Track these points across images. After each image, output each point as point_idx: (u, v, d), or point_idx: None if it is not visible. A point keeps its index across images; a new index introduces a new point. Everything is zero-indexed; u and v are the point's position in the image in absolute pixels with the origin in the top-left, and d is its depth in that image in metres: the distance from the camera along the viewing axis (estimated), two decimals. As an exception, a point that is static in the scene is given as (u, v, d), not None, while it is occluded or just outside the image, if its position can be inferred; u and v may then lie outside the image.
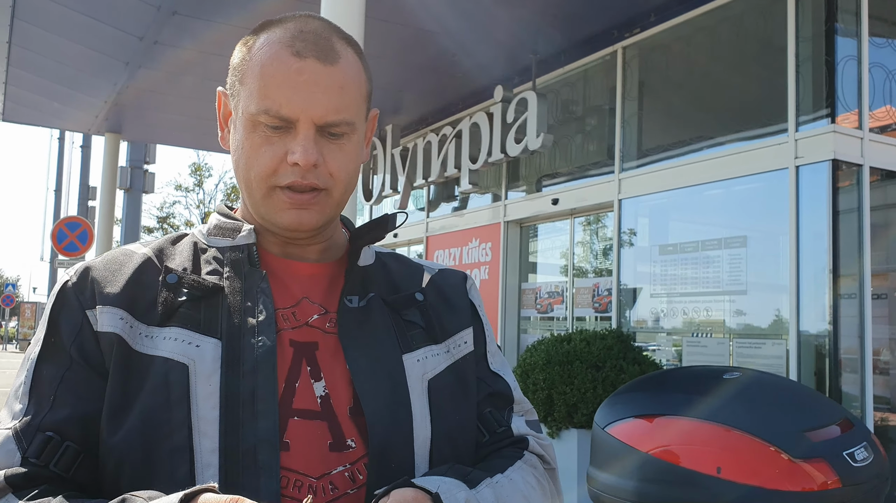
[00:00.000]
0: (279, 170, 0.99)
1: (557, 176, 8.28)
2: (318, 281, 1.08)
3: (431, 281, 1.18)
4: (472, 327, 1.17)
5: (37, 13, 7.37)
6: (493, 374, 1.17)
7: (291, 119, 0.97)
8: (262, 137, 0.99)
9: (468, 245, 9.35)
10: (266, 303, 0.99)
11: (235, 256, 1.04)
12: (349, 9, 4.41)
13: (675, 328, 6.68)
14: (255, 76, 0.99)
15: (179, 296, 0.99)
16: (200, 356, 0.95)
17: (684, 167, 6.59)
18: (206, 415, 0.92)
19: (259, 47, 1.01)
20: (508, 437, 1.13)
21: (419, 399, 1.03)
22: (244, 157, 1.01)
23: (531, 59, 7.91)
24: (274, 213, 1.01)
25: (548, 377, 5.73)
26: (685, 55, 6.88)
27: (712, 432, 1.62)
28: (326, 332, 1.04)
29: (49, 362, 0.97)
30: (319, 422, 0.98)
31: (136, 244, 1.08)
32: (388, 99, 9.53)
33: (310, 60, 0.98)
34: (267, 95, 0.97)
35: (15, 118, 11.09)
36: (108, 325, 0.96)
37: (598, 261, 8.01)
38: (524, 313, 8.72)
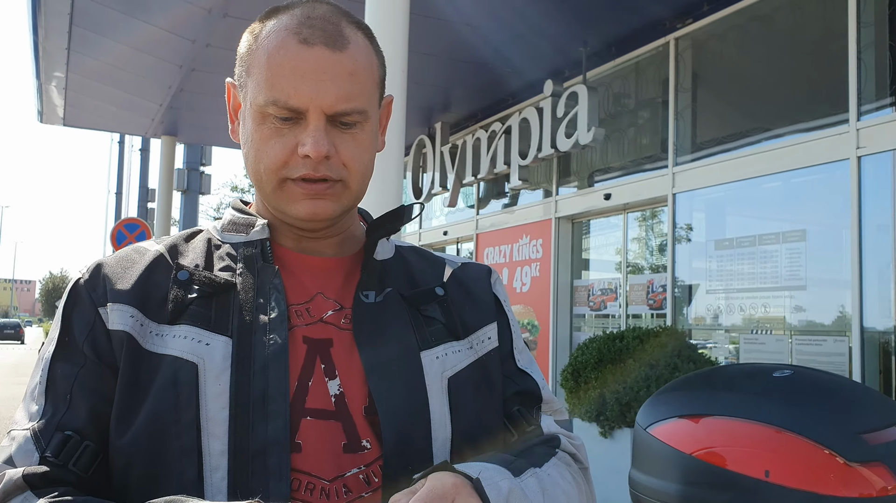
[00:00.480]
0: (290, 162, 0.96)
1: (609, 170, 8.15)
2: (333, 275, 1.05)
3: (453, 275, 1.13)
4: (496, 322, 1.11)
5: (93, 19, 7.54)
6: (521, 372, 1.11)
7: (300, 109, 0.94)
8: (271, 129, 0.96)
9: (518, 242, 9.27)
10: (278, 300, 0.96)
11: (248, 252, 1.01)
12: (393, 6, 4.39)
13: (733, 325, 6.50)
14: (262, 66, 0.96)
15: (190, 294, 0.96)
16: (210, 354, 0.92)
17: (740, 159, 6.41)
18: (215, 416, 0.90)
19: (265, 35, 0.97)
20: (538, 436, 1.08)
21: (438, 398, 0.99)
22: (254, 150, 0.98)
23: (581, 52, 7.79)
24: (287, 205, 0.98)
25: (599, 376, 5.63)
26: (740, 44, 6.69)
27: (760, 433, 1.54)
28: (341, 329, 1.00)
29: (63, 361, 0.95)
30: (333, 423, 0.94)
31: (151, 241, 1.06)
32: (438, 96, 9.51)
33: (318, 47, 0.94)
34: (274, 86, 0.94)
35: (76, 123, 11.41)
36: (119, 323, 0.94)
37: (652, 257, 7.85)
38: (577, 311, 8.61)
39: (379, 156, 3.94)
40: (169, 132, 11.55)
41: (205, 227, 1.09)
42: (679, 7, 6.93)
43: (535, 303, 8.89)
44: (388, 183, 4.26)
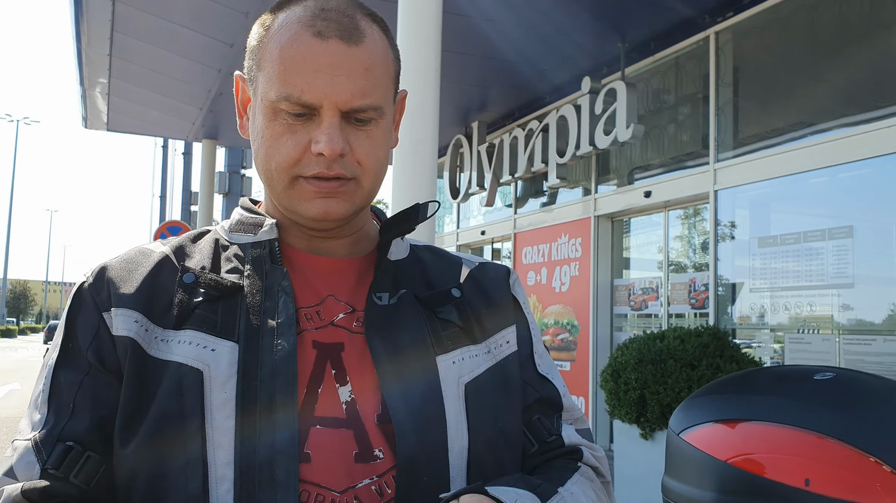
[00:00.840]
0: (303, 159, 0.92)
1: (649, 168, 8.03)
2: (345, 277, 1.01)
3: (470, 276, 1.08)
4: (515, 325, 1.07)
5: (134, 25, 7.66)
6: (541, 378, 1.07)
7: (314, 105, 0.90)
8: (283, 125, 0.92)
9: (557, 241, 9.18)
10: (287, 303, 0.93)
11: (257, 253, 0.97)
12: (426, 4, 4.36)
13: (778, 324, 6.35)
14: (274, 60, 0.91)
15: (196, 297, 0.93)
16: (215, 361, 0.89)
17: (784, 155, 6.25)
18: (220, 425, 0.86)
19: (277, 28, 0.93)
20: (559, 447, 1.04)
21: (454, 405, 0.94)
22: (265, 147, 0.94)
23: (619, 48, 7.69)
24: (299, 204, 0.94)
25: (640, 376, 5.53)
26: (783, 37, 6.52)
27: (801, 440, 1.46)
28: (353, 332, 0.96)
29: (67, 368, 0.92)
30: (344, 431, 0.90)
31: (157, 242, 1.03)
32: (474, 95, 9.46)
33: (332, 41, 0.90)
34: (287, 80, 0.90)
35: (119, 128, 11.60)
36: (123, 329, 0.91)
37: (694, 255, 7.71)
38: (617, 310, 8.49)
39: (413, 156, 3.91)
40: (210, 136, 11.69)
41: (213, 228, 1.06)
42: (719, 1, 6.79)
43: (575, 303, 8.79)
44: (422, 185, 4.24)
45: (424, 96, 4.27)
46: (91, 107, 10.41)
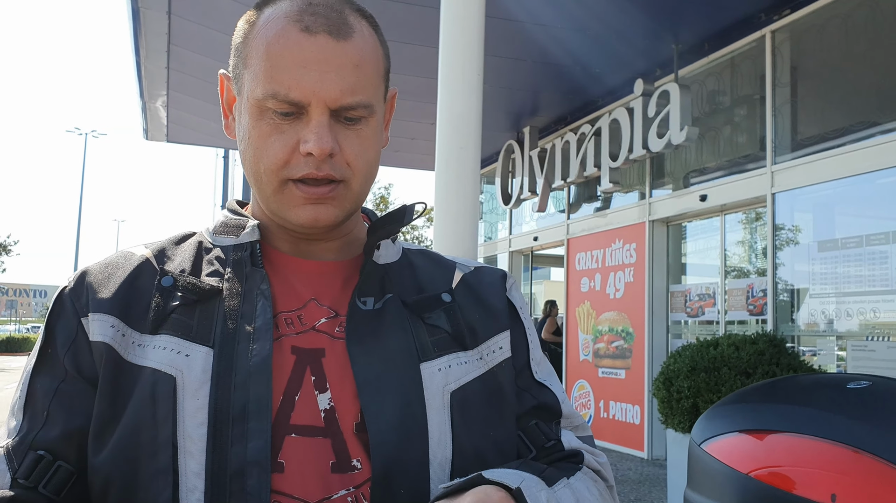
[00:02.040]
0: (291, 161, 0.88)
1: (705, 171, 7.85)
2: (329, 280, 0.98)
3: (463, 280, 1.05)
4: (509, 331, 1.02)
5: (190, 38, 7.83)
6: (538, 385, 1.02)
7: (302, 103, 0.86)
8: (270, 125, 0.88)
9: (611, 246, 9.04)
10: (265, 307, 0.90)
11: (238, 256, 0.94)
12: (468, 10, 4.33)
13: (840, 331, 6.12)
14: (260, 56, 0.88)
15: (173, 301, 0.90)
16: (189, 366, 0.86)
17: (846, 156, 6.04)
18: (192, 433, 0.83)
19: (263, 23, 0.90)
20: (559, 451, 0.99)
21: (438, 414, 0.91)
22: (252, 148, 0.90)
23: (673, 49, 7.55)
24: (287, 210, 0.91)
25: (693, 385, 5.39)
26: (843, 34, 6.31)
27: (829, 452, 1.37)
28: (335, 338, 0.93)
29: (44, 374, 0.90)
30: (322, 440, 0.87)
31: (140, 245, 1.00)
32: (526, 100, 9.41)
33: (320, 36, 0.87)
34: (274, 78, 0.86)
35: (179, 139, 11.87)
36: (99, 334, 0.89)
37: (751, 260, 7.51)
38: (674, 317, 8.32)
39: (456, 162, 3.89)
40: (266, 145, 11.86)
41: (199, 230, 1.03)
42: None
43: (630, 310, 8.64)
44: (465, 191, 4.21)
45: (468, 101, 4.25)
46: (152, 119, 10.68)
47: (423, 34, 6.59)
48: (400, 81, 8.46)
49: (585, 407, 9.37)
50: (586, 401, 9.36)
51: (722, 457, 1.51)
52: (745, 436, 1.53)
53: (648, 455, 8.19)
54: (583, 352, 9.52)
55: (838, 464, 1.36)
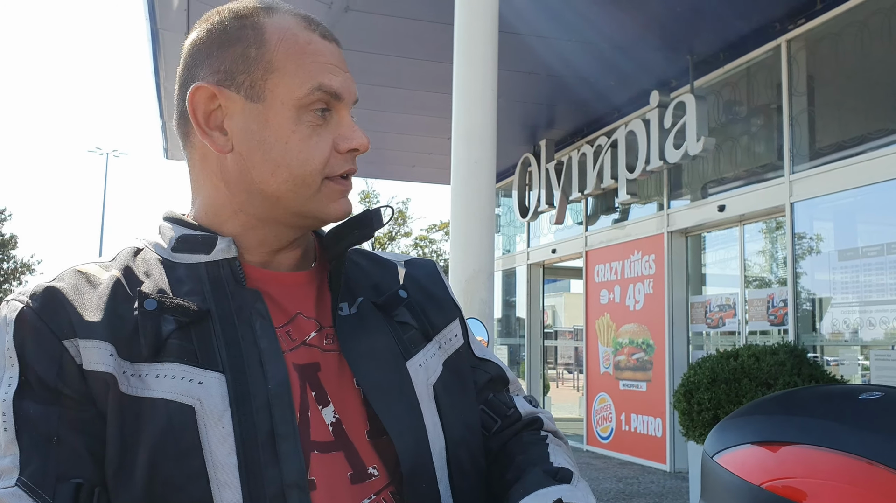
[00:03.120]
0: (330, 160, 0.92)
1: (723, 181, 7.82)
2: (306, 291, 0.97)
3: (407, 274, 1.09)
4: (458, 318, 1.09)
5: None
6: (483, 361, 1.10)
7: (342, 96, 0.92)
8: (308, 127, 0.90)
9: (630, 258, 9.02)
10: (265, 327, 0.88)
11: (216, 274, 0.91)
12: (482, 26, 4.37)
13: (862, 341, 6.06)
14: (296, 57, 0.90)
15: (166, 325, 0.85)
16: (207, 394, 0.82)
17: (865, 164, 5.99)
18: (223, 463, 0.81)
19: (280, 30, 0.91)
20: (518, 420, 1.07)
21: (428, 408, 0.95)
22: (295, 152, 0.89)
23: (688, 60, 7.55)
24: (326, 206, 0.93)
25: (713, 396, 5.36)
26: (859, 41, 6.28)
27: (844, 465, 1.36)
28: (325, 350, 0.93)
29: (33, 401, 0.81)
30: (335, 454, 0.88)
31: (93, 265, 0.91)
32: (541, 113, 9.43)
33: (332, 43, 0.95)
34: (315, 73, 0.91)
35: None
36: (100, 363, 0.82)
37: (772, 270, 7.46)
38: (694, 328, 8.27)
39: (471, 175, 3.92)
40: (284, 162, 11.95)
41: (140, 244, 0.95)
42: (790, 7, 6.60)
43: (650, 322, 8.60)
44: (481, 204, 4.23)
45: (482, 116, 4.28)
46: (172, 138, 10.80)
47: (438, 50, 6.63)
48: (416, 97, 8.51)
49: (607, 419, 9.31)
50: (607, 414, 9.30)
51: (734, 468, 1.51)
52: (757, 447, 1.52)
53: (671, 468, 8.12)
54: (603, 364, 9.47)
55: (852, 475, 1.35)
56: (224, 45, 0.91)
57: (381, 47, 7.20)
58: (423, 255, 24.64)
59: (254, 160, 0.91)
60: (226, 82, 0.91)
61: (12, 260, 28.33)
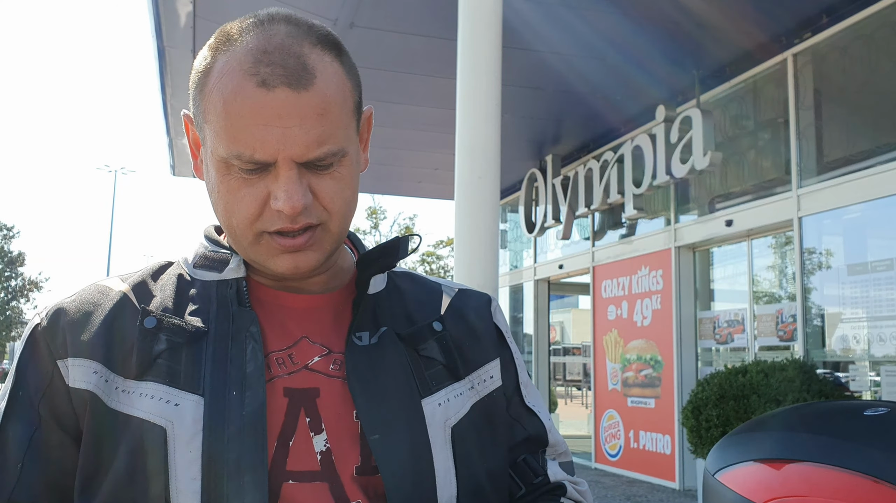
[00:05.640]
0: (264, 214, 0.84)
1: (730, 196, 7.79)
2: (319, 315, 0.94)
3: (451, 306, 1.02)
4: (499, 358, 1.01)
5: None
6: (528, 411, 1.02)
7: (268, 162, 0.82)
8: (238, 180, 0.84)
9: (637, 273, 8.97)
10: (255, 351, 0.85)
11: (223, 293, 0.90)
12: (485, 43, 4.37)
13: (873, 356, 5.99)
14: (219, 114, 0.82)
15: (158, 344, 0.85)
16: (179, 417, 0.82)
17: (873, 178, 5.95)
18: (185, 488, 0.80)
19: (219, 75, 0.83)
20: (545, 485, 1.00)
21: (442, 451, 0.89)
22: (222, 202, 0.86)
23: (694, 75, 7.54)
24: (266, 260, 0.88)
25: (721, 413, 5.30)
26: (866, 55, 6.26)
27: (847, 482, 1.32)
28: (330, 376, 0.89)
29: (15, 421, 0.85)
30: (319, 484, 0.84)
31: (115, 278, 0.94)
32: (548, 129, 9.43)
33: (279, 90, 0.80)
34: (235, 138, 0.81)
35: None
36: (81, 381, 0.84)
37: (780, 285, 7.40)
38: (703, 344, 8.21)
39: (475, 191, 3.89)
40: (291, 178, 11.97)
41: (176, 260, 0.98)
42: (796, 22, 6.59)
43: (658, 338, 8.54)
44: (485, 220, 4.21)
45: (486, 131, 4.26)
46: (178, 155, 10.85)
47: (443, 66, 6.64)
48: (421, 113, 8.52)
49: (615, 437, 9.23)
50: (616, 432, 9.23)
51: (736, 487, 1.47)
52: (759, 465, 1.48)
53: (680, 485, 8.03)
54: (611, 381, 9.41)
55: (856, 493, 1.31)
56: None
57: (386, 63, 7.22)
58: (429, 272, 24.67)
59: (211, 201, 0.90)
60: (194, 117, 0.89)
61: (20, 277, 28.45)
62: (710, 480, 1.61)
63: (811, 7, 6.38)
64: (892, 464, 1.32)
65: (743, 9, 6.27)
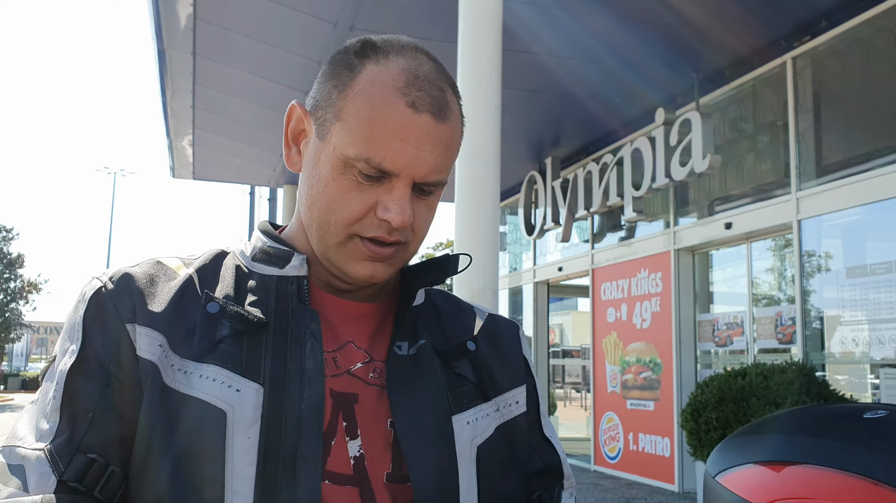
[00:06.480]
0: (364, 219, 0.89)
1: (729, 198, 7.80)
2: (365, 323, 0.97)
3: (483, 328, 1.05)
4: (525, 385, 1.05)
5: (214, 78, 7.99)
6: (546, 442, 1.05)
7: (392, 174, 0.87)
8: (352, 182, 0.88)
9: (636, 276, 8.98)
10: (315, 348, 0.89)
11: (283, 289, 0.93)
12: (486, 45, 4.38)
13: (873, 359, 6.00)
14: (361, 118, 0.87)
15: (221, 329, 0.88)
16: (241, 403, 0.84)
17: (872, 180, 5.97)
18: (241, 472, 0.82)
19: (368, 83, 0.88)
20: None
21: (467, 467, 0.91)
22: (327, 198, 0.90)
23: (693, 78, 7.56)
24: (346, 262, 0.91)
25: (721, 415, 5.31)
26: (865, 58, 6.27)
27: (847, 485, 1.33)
28: (368, 384, 0.92)
29: (83, 377, 0.85)
30: (350, 489, 0.86)
31: (175, 259, 0.97)
32: (547, 131, 9.44)
33: (424, 116, 0.87)
34: (371, 143, 0.86)
35: (205, 176, 12.07)
36: (147, 351, 0.86)
37: (779, 288, 7.41)
38: (702, 347, 8.21)
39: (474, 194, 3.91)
40: (290, 181, 12.01)
41: (231, 250, 1.00)
42: (794, 26, 6.61)
43: (657, 340, 8.55)
44: (485, 223, 4.21)
45: (485, 134, 4.27)
46: (178, 157, 10.87)
47: (442, 68, 6.64)
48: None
49: (614, 439, 9.23)
50: (615, 434, 9.23)
51: (736, 489, 1.47)
52: (760, 467, 1.49)
53: (679, 488, 8.04)
54: (610, 383, 9.41)
55: (856, 496, 1.31)
56: (326, 76, 0.94)
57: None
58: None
59: (303, 188, 0.95)
60: (313, 111, 0.94)
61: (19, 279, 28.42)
62: (710, 482, 1.62)
63: (810, 11, 6.39)
64: (893, 466, 1.32)
65: (742, 13, 6.29)
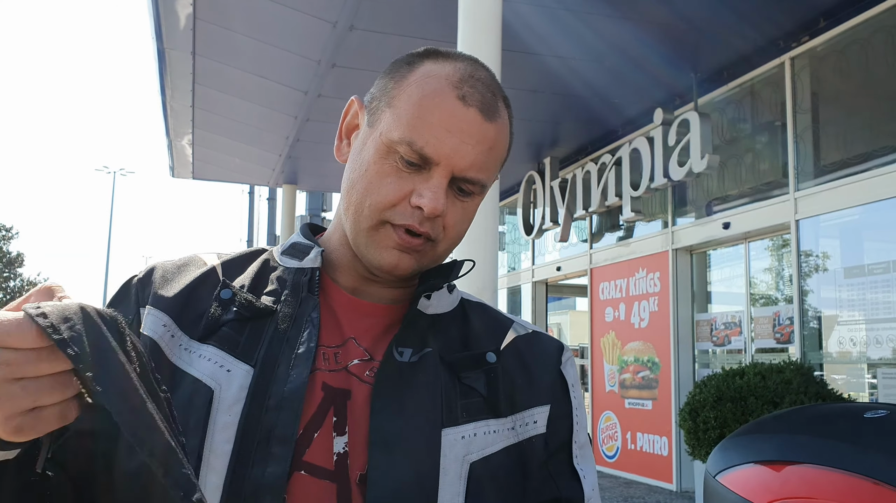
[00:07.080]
0: (398, 206, 0.90)
1: (727, 199, 7.81)
2: (374, 322, 0.97)
3: (514, 343, 1.01)
4: (549, 405, 0.98)
5: (214, 77, 7.98)
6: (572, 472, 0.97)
7: (432, 161, 0.89)
8: (392, 167, 0.90)
9: (635, 276, 8.99)
10: (311, 335, 0.90)
11: (298, 279, 0.96)
12: (485, 44, 4.39)
13: (870, 359, 6.02)
14: (410, 104, 0.90)
15: (227, 314, 0.92)
16: (228, 382, 0.87)
17: (870, 181, 5.98)
18: (217, 448, 0.84)
19: (423, 75, 0.92)
20: None
21: (453, 485, 0.87)
22: (365, 181, 0.92)
23: (692, 78, 7.57)
24: (373, 248, 0.92)
25: (719, 415, 5.32)
26: (863, 58, 6.29)
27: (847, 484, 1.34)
28: (363, 381, 0.91)
29: None
30: (328, 484, 0.86)
31: (213, 254, 1.03)
32: (546, 131, 9.46)
33: (472, 110, 0.90)
34: (416, 128, 0.89)
35: (204, 176, 12.06)
36: (149, 329, 0.90)
37: (777, 288, 7.43)
38: (700, 346, 8.23)
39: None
40: (290, 181, 12.01)
41: (272, 248, 1.05)
42: (793, 25, 6.62)
43: (655, 340, 8.56)
44: (485, 222, 4.22)
45: (485, 134, 4.28)
46: (178, 156, 10.87)
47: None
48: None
49: (612, 438, 9.25)
50: (613, 433, 9.25)
51: (737, 488, 1.48)
52: (760, 467, 1.49)
53: (677, 487, 8.06)
54: (608, 382, 9.43)
55: (856, 495, 1.32)
56: (386, 73, 0.98)
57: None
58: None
59: (346, 174, 0.97)
60: (368, 104, 0.98)
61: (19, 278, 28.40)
62: (711, 482, 1.63)
63: (808, 11, 6.41)
64: (893, 466, 1.33)
65: (740, 12, 6.30)
